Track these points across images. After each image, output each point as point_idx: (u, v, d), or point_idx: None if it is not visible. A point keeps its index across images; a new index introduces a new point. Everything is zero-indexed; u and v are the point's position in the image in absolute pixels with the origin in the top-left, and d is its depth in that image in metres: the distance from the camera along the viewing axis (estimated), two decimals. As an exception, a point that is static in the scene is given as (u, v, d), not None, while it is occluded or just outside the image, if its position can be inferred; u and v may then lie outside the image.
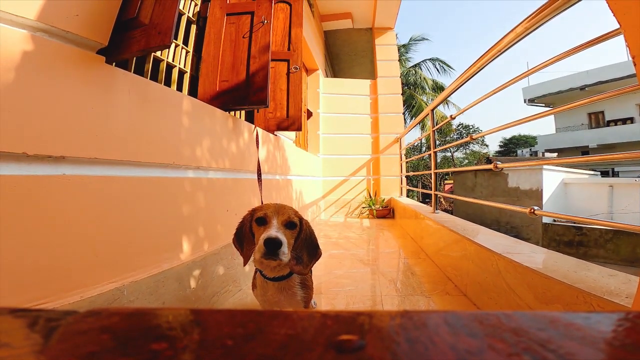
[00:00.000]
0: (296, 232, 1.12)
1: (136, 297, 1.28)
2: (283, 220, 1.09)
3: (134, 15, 1.28)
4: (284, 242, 1.03)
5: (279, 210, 1.11)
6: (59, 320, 0.22)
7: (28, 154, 0.93)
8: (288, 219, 1.10)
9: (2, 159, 0.88)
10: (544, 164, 1.38)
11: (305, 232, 1.14)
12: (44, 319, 0.22)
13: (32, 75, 0.96)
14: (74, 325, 0.22)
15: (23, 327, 0.22)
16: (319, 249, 1.19)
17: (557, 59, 1.35)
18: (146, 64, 1.94)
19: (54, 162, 1.01)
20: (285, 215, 1.10)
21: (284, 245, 1.02)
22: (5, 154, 0.88)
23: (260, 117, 3.03)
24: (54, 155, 1.00)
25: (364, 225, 5.08)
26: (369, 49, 8.04)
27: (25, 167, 0.94)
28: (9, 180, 0.89)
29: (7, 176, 0.89)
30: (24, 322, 0.23)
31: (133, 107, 1.33)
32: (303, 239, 1.13)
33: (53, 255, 1.00)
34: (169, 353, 0.19)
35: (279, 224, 1.08)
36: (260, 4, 2.24)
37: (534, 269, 1.28)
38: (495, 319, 0.21)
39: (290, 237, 1.10)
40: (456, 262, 2.15)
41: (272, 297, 1.20)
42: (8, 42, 0.91)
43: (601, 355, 0.17)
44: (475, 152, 23.46)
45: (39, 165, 0.97)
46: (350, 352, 0.18)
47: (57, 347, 0.19)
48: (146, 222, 1.39)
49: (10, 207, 0.89)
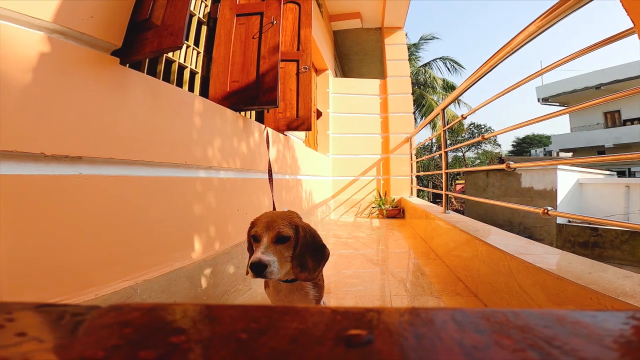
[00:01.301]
0: (291, 243, 1.10)
1: (149, 295, 1.31)
2: (272, 236, 1.08)
3: (146, 16, 1.30)
4: (271, 263, 1.02)
5: (269, 225, 1.10)
6: (83, 315, 0.23)
7: (46, 154, 0.96)
8: (278, 233, 1.08)
9: (21, 159, 0.91)
10: (557, 163, 1.36)
11: (304, 239, 1.13)
12: (70, 314, 0.24)
13: (49, 76, 0.98)
14: (97, 319, 0.23)
15: (49, 322, 0.23)
16: (326, 249, 1.17)
17: (571, 58, 1.33)
18: (158, 65, 1.97)
19: (71, 162, 1.04)
20: (274, 231, 1.08)
21: (272, 266, 1.02)
22: (24, 154, 0.91)
23: (270, 117, 3.05)
24: (70, 155, 1.03)
25: (373, 225, 5.07)
26: (378, 48, 8.01)
27: (43, 167, 0.96)
28: (27, 180, 0.92)
29: (26, 176, 0.91)
30: (50, 316, 0.24)
31: (147, 107, 1.36)
32: (303, 246, 1.11)
33: (70, 254, 1.03)
34: (186, 346, 0.20)
35: (269, 241, 1.07)
36: (269, 4, 2.25)
37: (546, 270, 1.27)
38: (502, 316, 0.21)
39: (284, 250, 1.08)
40: (467, 262, 2.13)
41: (285, 297, 1.20)
42: (26, 43, 0.93)
43: (607, 352, 0.17)
44: (487, 151, 23.14)
45: (57, 165, 1.00)
46: (358, 347, 0.18)
47: (83, 340, 0.20)
48: (159, 221, 1.41)
49: (29, 206, 0.92)
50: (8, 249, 0.87)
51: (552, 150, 24.05)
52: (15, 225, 0.89)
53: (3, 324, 0.22)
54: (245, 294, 2.02)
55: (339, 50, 8.25)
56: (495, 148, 23.34)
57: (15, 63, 0.90)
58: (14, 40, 0.90)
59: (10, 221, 0.87)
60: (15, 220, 0.89)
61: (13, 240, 0.88)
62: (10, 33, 0.90)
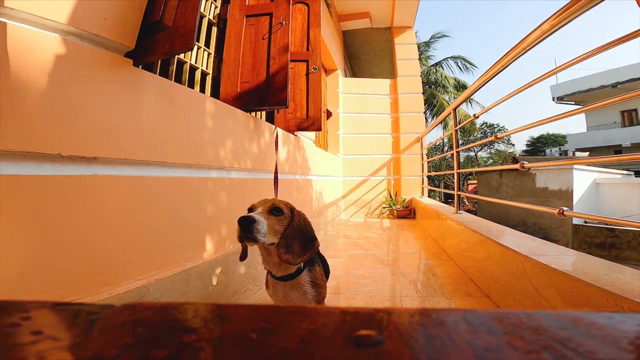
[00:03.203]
0: (285, 219, 1.13)
1: (161, 294, 1.33)
2: (267, 207, 1.12)
3: (158, 18, 1.32)
4: (260, 221, 1.04)
5: (266, 201, 1.15)
6: (98, 313, 0.24)
7: (62, 154, 0.98)
8: (272, 205, 1.12)
9: (39, 159, 0.93)
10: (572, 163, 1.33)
11: (297, 222, 1.15)
12: (85, 312, 0.24)
13: (65, 77, 1.00)
14: (112, 318, 0.23)
15: (65, 320, 0.24)
16: (316, 242, 1.18)
17: (586, 56, 1.30)
18: (170, 66, 2.00)
19: (87, 162, 1.06)
20: (269, 203, 1.13)
21: (260, 224, 1.04)
22: (42, 154, 0.93)
23: (281, 117, 3.06)
24: (86, 156, 1.05)
25: (384, 225, 5.04)
26: (387, 48, 7.96)
27: (60, 167, 0.98)
28: (45, 181, 0.94)
29: (44, 176, 0.94)
30: (65, 315, 0.24)
31: (159, 108, 1.38)
32: (295, 229, 1.13)
33: (85, 254, 1.05)
34: (198, 345, 0.20)
35: (264, 211, 1.11)
36: (278, 5, 2.26)
37: (562, 271, 1.24)
38: (515, 317, 0.21)
39: (277, 223, 1.11)
40: (479, 263, 2.10)
41: (284, 296, 1.21)
42: (41, 45, 0.95)
43: (623, 354, 0.17)
44: (501, 151, 22.82)
45: (73, 166, 1.02)
46: (368, 347, 0.18)
47: (98, 338, 0.21)
48: (172, 221, 1.43)
49: (46, 207, 0.94)
50: (26, 249, 0.89)
51: (568, 150, 23.57)
52: (33, 225, 0.91)
53: (19, 322, 0.22)
54: (256, 294, 2.03)
55: (348, 50, 8.23)
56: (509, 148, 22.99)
57: (33, 64, 0.92)
58: (31, 43, 0.93)
59: (28, 221, 0.90)
60: (33, 220, 0.91)
61: (31, 240, 0.90)
62: (27, 35, 0.92)
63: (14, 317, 0.23)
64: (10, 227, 0.86)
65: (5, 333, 0.21)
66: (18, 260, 0.87)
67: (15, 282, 0.87)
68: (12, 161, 0.87)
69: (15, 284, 0.87)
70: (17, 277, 0.87)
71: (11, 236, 0.86)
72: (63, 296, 0.99)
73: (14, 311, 0.24)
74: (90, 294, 1.06)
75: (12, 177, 0.86)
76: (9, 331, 0.21)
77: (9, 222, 0.85)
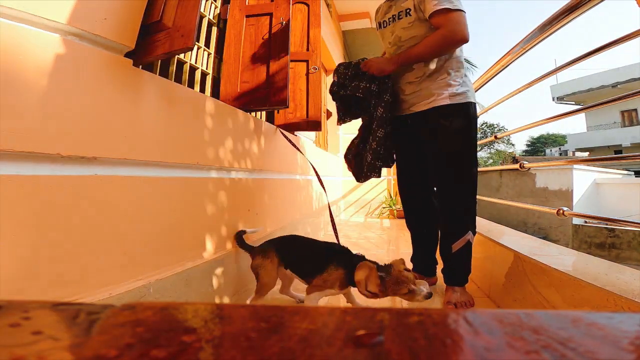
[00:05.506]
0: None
1: (161, 294, 1.32)
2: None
3: (157, 18, 1.32)
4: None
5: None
6: (98, 313, 0.24)
7: (62, 154, 0.98)
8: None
9: (39, 160, 0.93)
10: (572, 163, 1.33)
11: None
12: (85, 312, 0.24)
13: (65, 77, 1.00)
14: (112, 318, 0.23)
15: (65, 320, 0.24)
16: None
17: (586, 56, 1.30)
18: (170, 66, 2.00)
19: (87, 162, 1.06)
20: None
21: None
22: (42, 155, 0.93)
23: (281, 117, 3.06)
24: (86, 156, 1.05)
25: (384, 225, 5.04)
26: (388, 48, 7.93)
27: (60, 167, 0.98)
28: (44, 181, 0.94)
29: (43, 176, 0.94)
30: (65, 315, 0.24)
31: (160, 108, 1.37)
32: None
33: (85, 254, 1.04)
34: (197, 345, 0.20)
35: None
36: (278, 5, 2.26)
37: (562, 271, 1.24)
38: (515, 317, 0.21)
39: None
40: (479, 263, 2.10)
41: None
42: (42, 45, 0.95)
43: (623, 354, 0.17)
44: (501, 151, 22.82)
45: (73, 166, 1.02)
46: (368, 347, 0.18)
47: (98, 339, 0.21)
48: (172, 221, 1.43)
49: (46, 207, 0.94)
50: (26, 249, 0.89)
51: (568, 150, 23.58)
52: (33, 225, 0.91)
53: (20, 322, 0.22)
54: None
55: (348, 50, 8.22)
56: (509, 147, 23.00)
57: (33, 64, 0.92)
58: (31, 43, 0.93)
59: (28, 221, 0.90)
60: (33, 220, 0.91)
61: (30, 240, 0.90)
62: (28, 35, 0.92)
63: (14, 317, 0.22)
64: (10, 227, 0.86)
65: (5, 333, 0.21)
66: (18, 260, 0.87)
67: (15, 282, 0.87)
68: (12, 161, 0.87)
69: (15, 284, 0.87)
70: (17, 277, 0.87)
71: (11, 236, 0.86)
72: (63, 296, 0.98)
73: (14, 311, 0.24)
74: (89, 294, 1.05)
75: (12, 177, 0.86)
76: (9, 331, 0.21)
77: (9, 222, 0.85)
